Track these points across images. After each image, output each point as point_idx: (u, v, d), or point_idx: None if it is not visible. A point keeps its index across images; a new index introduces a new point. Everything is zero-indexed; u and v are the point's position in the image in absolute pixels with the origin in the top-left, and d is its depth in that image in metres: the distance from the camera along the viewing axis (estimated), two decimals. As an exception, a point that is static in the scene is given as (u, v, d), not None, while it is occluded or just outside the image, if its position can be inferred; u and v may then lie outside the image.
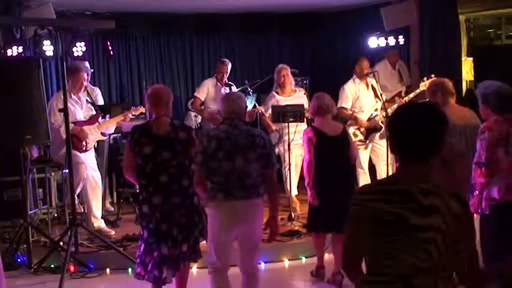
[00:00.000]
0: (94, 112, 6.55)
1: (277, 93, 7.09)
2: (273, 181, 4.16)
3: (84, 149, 6.27)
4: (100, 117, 6.48)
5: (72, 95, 6.28)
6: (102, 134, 6.53)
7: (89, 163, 6.36)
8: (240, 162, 3.96)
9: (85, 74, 6.44)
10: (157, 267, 4.28)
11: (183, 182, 4.29)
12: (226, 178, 3.96)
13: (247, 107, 4.45)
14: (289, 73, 7.10)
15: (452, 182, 4.01)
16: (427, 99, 5.13)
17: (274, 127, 7.01)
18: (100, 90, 7.36)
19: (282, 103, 6.85)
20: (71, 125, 6.15)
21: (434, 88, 5.04)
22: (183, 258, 4.36)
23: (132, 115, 6.72)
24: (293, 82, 7.23)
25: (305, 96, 7.10)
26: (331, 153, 5.08)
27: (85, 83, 6.49)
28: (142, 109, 6.82)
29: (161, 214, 4.27)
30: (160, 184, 4.26)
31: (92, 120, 6.38)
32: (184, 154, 4.31)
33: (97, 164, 6.59)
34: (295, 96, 7.05)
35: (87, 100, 6.53)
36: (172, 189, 4.28)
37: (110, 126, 6.62)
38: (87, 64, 6.86)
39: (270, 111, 6.93)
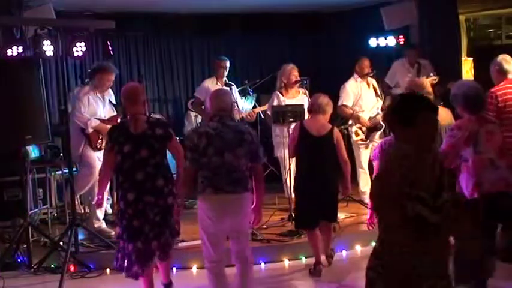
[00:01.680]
0: (114, 113, 6.52)
1: (281, 93, 7.00)
2: (259, 174, 4.34)
3: (98, 147, 6.26)
4: (119, 119, 6.46)
5: (96, 92, 6.28)
6: None
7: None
8: (228, 158, 4.10)
9: (113, 76, 6.41)
10: (133, 262, 4.39)
11: (157, 182, 4.36)
12: (215, 173, 4.11)
13: (234, 102, 4.53)
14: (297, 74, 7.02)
15: None
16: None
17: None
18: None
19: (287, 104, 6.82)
20: (97, 121, 6.17)
21: (414, 88, 5.15)
22: (153, 255, 4.43)
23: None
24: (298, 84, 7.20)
25: (305, 97, 7.07)
26: (313, 152, 5.28)
27: (110, 84, 6.47)
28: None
29: (134, 211, 4.34)
30: (135, 181, 4.33)
31: (111, 120, 6.34)
32: (162, 152, 4.41)
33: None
34: (299, 98, 6.95)
35: (109, 100, 6.50)
36: (146, 187, 4.34)
37: None
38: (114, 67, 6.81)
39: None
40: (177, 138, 4.75)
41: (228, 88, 7.20)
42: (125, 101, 4.49)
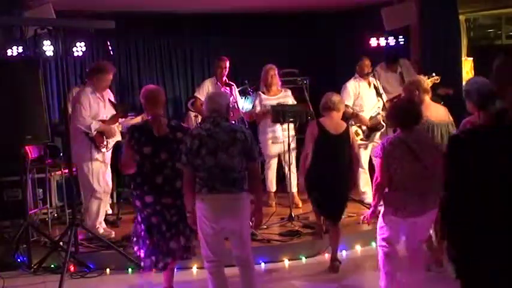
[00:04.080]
0: (115, 112, 6.49)
1: (263, 93, 7.17)
2: (255, 174, 4.34)
3: (103, 148, 6.22)
4: (119, 119, 6.45)
5: (96, 93, 6.25)
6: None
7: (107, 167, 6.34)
8: (222, 158, 4.10)
9: (111, 75, 6.37)
10: (149, 255, 4.50)
11: (176, 184, 4.42)
12: (210, 173, 4.11)
13: (234, 103, 4.53)
14: (276, 73, 7.14)
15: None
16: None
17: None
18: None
19: (267, 102, 6.95)
20: (99, 123, 6.13)
21: (411, 87, 5.20)
22: (172, 254, 4.51)
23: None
24: (279, 82, 7.26)
25: (291, 96, 7.13)
26: (331, 150, 5.30)
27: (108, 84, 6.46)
28: None
29: (152, 211, 4.46)
30: (155, 185, 4.42)
31: (112, 120, 6.33)
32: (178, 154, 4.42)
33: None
34: (279, 96, 7.11)
35: (109, 99, 6.48)
36: (165, 190, 4.43)
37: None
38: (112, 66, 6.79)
39: (258, 109, 7.10)
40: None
41: (228, 88, 7.25)
42: (146, 102, 4.58)
